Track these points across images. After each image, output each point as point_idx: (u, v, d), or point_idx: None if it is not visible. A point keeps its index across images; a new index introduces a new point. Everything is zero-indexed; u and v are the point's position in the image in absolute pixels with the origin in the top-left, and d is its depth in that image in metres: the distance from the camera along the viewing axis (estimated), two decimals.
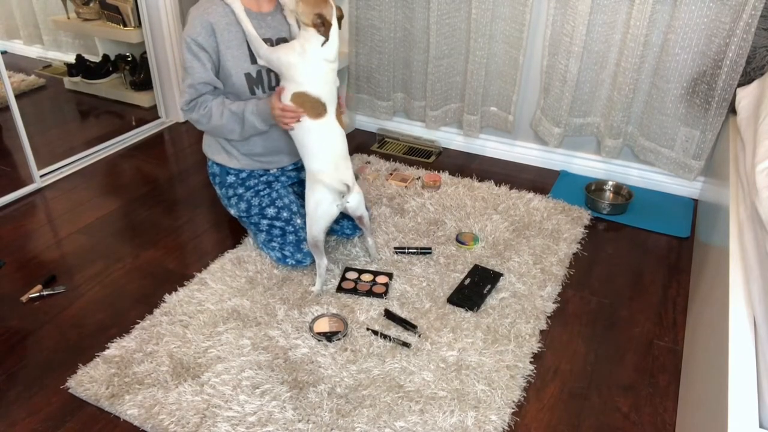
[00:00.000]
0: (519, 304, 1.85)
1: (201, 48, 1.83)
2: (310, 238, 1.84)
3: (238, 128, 1.91)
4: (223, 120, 1.89)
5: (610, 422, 1.50)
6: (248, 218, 2.05)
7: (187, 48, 1.84)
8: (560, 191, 2.49)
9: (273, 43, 1.92)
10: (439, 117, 2.76)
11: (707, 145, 2.27)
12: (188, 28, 1.84)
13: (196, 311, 1.79)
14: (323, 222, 1.82)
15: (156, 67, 2.97)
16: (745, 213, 1.52)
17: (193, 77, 1.86)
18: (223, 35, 1.84)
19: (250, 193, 2.05)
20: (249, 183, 2.07)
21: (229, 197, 2.10)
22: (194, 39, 1.82)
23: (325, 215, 1.82)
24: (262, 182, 2.09)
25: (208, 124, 1.91)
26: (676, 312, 1.87)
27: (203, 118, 1.90)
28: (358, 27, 2.71)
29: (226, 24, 1.84)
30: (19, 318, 1.79)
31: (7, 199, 2.36)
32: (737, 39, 2.02)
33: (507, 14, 2.44)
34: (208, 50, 1.84)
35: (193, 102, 1.89)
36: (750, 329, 1.22)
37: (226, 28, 1.84)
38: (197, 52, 1.84)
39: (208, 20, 1.82)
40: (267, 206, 2.02)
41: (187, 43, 1.83)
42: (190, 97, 1.88)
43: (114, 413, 1.49)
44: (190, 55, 1.84)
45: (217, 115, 1.88)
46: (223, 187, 2.10)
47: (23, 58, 3.72)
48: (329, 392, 1.53)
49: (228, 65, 1.87)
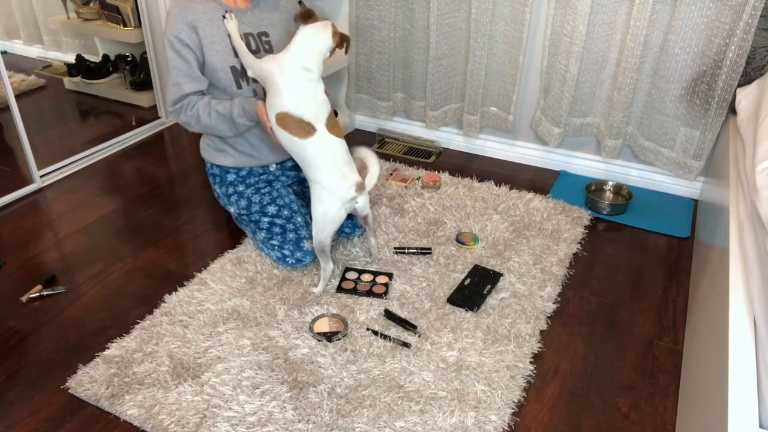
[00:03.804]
0: (519, 304, 1.85)
1: (184, 45, 1.83)
2: (317, 243, 1.83)
3: (227, 128, 1.92)
4: (211, 121, 1.89)
5: (610, 422, 1.50)
6: (248, 216, 2.04)
7: (170, 46, 1.83)
8: (560, 191, 2.49)
9: (255, 38, 1.93)
10: (439, 117, 2.76)
11: (707, 145, 2.27)
12: (169, 25, 1.83)
13: (196, 311, 1.79)
14: (331, 228, 1.81)
15: (156, 67, 2.97)
16: (745, 213, 1.52)
17: (178, 74, 1.85)
18: (205, 31, 1.84)
19: (251, 190, 2.05)
20: (249, 181, 2.07)
21: (228, 195, 2.09)
22: (176, 36, 1.81)
23: (333, 221, 1.80)
24: (263, 180, 2.09)
25: (198, 125, 1.91)
26: (676, 312, 1.87)
27: (191, 119, 1.90)
28: (358, 27, 2.71)
29: (208, 20, 1.84)
30: (19, 318, 1.79)
31: (7, 199, 2.36)
32: (737, 39, 2.02)
33: (507, 14, 2.44)
34: (191, 46, 1.84)
35: (179, 103, 1.88)
36: (750, 329, 1.22)
37: (208, 24, 1.84)
38: (180, 49, 1.83)
39: (189, 17, 1.82)
40: (268, 204, 2.01)
41: (170, 41, 1.82)
42: (174, 96, 1.87)
43: (114, 413, 1.49)
44: (173, 53, 1.84)
45: (205, 115, 1.88)
46: (223, 185, 2.10)
47: (23, 58, 3.71)
48: (329, 392, 1.53)
49: (213, 60, 1.87)
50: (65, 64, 3.36)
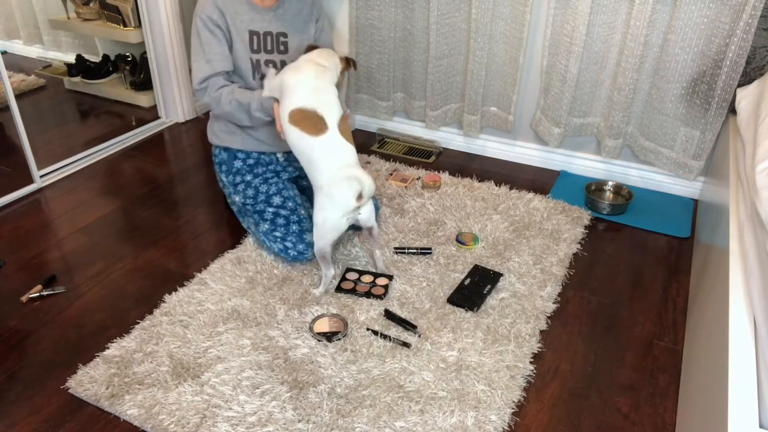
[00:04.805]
0: (519, 304, 1.85)
1: (216, 25, 1.90)
2: (317, 250, 1.82)
3: (244, 117, 1.97)
4: (231, 108, 1.94)
5: (610, 422, 1.50)
6: (253, 206, 2.04)
7: (202, 25, 1.89)
8: (560, 191, 2.49)
9: (273, 37, 1.99)
10: (439, 117, 2.76)
11: (707, 145, 2.27)
12: (201, 7, 1.90)
13: (196, 311, 1.79)
14: (331, 236, 1.79)
15: (156, 67, 2.97)
16: (745, 213, 1.52)
17: (210, 52, 1.91)
18: (234, 20, 1.93)
19: (259, 180, 2.07)
20: (257, 170, 2.09)
21: (235, 184, 2.09)
22: (209, 17, 1.89)
23: (333, 230, 1.78)
24: (270, 171, 2.11)
25: (218, 108, 1.97)
26: (676, 312, 1.87)
27: (213, 101, 1.96)
28: (358, 27, 2.71)
29: (234, 12, 1.92)
30: (19, 318, 1.79)
31: (7, 199, 2.36)
32: (737, 39, 2.02)
33: (507, 14, 2.44)
34: (222, 28, 1.91)
35: (206, 81, 1.93)
36: (750, 329, 1.22)
37: (235, 16, 1.93)
38: (213, 29, 1.90)
39: (219, 5, 1.90)
40: (274, 194, 2.03)
41: (203, 20, 1.89)
42: (204, 74, 1.92)
43: (114, 413, 1.49)
44: (206, 32, 1.90)
45: (226, 102, 1.94)
46: (230, 174, 2.11)
47: (23, 58, 3.72)
48: (329, 392, 1.53)
49: (238, 47, 1.95)
50: (65, 64, 3.36)
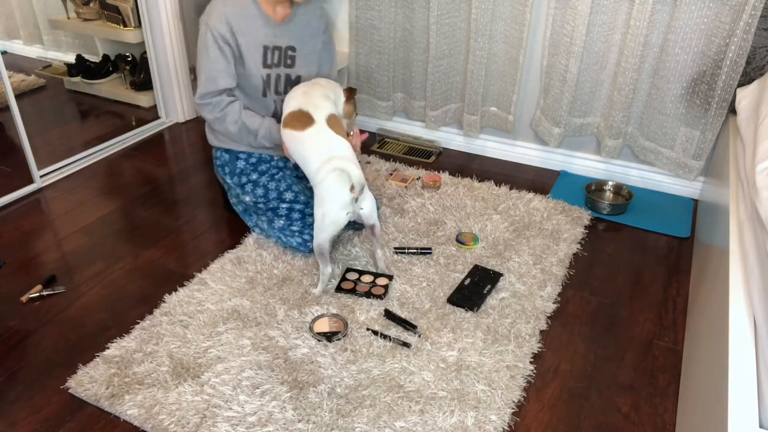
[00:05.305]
0: (519, 304, 1.85)
1: (225, 42, 1.89)
2: (316, 245, 1.82)
3: (249, 139, 2.01)
4: (235, 128, 1.97)
5: (610, 422, 1.50)
6: (266, 204, 2.04)
7: (213, 41, 1.88)
8: (560, 191, 2.49)
9: (282, 51, 2.00)
10: (439, 117, 2.76)
11: (707, 145, 2.27)
12: (213, 21, 1.88)
13: (196, 311, 1.79)
14: (330, 230, 1.79)
15: (156, 67, 2.97)
16: (745, 213, 1.52)
17: (216, 69, 1.91)
18: (246, 36, 1.92)
19: (266, 177, 2.07)
20: (261, 168, 2.09)
21: (243, 185, 2.09)
22: (221, 34, 1.88)
23: (332, 224, 1.78)
24: (274, 166, 2.11)
25: (221, 126, 1.99)
26: (676, 312, 1.87)
27: (217, 121, 1.97)
28: (358, 27, 2.71)
29: (247, 27, 1.92)
30: (19, 318, 1.79)
31: (7, 199, 2.36)
32: (737, 39, 2.02)
33: (507, 14, 2.44)
34: (231, 45, 1.91)
35: (208, 98, 1.93)
36: (750, 329, 1.22)
37: (248, 32, 1.92)
38: (223, 46, 1.90)
39: (231, 21, 1.89)
40: (285, 190, 2.04)
41: (214, 36, 1.88)
42: (207, 89, 1.92)
43: (114, 413, 1.49)
44: (215, 48, 1.89)
45: (231, 122, 1.96)
46: (234, 175, 2.10)
47: (23, 58, 3.72)
48: (329, 392, 1.53)
49: (250, 64, 1.95)
50: (65, 64, 3.36)
